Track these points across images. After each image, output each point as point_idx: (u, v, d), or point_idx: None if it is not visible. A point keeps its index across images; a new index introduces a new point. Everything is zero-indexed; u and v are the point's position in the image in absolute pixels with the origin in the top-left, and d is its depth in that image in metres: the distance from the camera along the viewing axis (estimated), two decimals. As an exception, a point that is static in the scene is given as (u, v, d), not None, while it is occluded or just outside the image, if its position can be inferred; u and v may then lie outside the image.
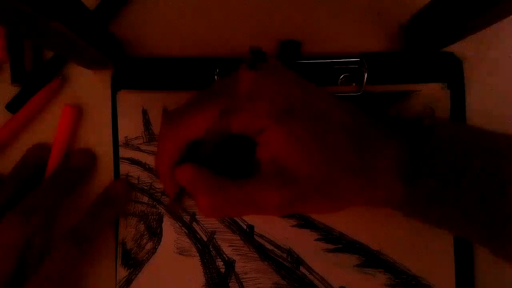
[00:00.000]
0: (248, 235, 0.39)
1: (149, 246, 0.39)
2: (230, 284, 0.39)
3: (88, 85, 0.40)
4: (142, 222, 0.40)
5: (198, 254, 0.39)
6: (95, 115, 0.40)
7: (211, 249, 0.39)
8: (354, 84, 0.39)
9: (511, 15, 0.30)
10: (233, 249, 0.39)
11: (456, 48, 0.39)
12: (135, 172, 0.40)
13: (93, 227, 0.37)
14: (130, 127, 0.40)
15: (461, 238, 0.38)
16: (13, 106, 0.40)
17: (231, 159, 0.33)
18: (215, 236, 0.39)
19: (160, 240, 0.40)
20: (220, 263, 0.39)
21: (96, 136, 0.40)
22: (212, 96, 0.31)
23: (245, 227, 0.39)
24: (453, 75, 0.39)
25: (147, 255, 0.39)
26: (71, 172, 0.39)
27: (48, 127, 0.40)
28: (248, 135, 0.30)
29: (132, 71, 0.40)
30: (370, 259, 0.39)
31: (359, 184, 0.30)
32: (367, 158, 0.30)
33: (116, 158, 0.40)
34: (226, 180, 0.30)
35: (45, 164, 0.39)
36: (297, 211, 0.32)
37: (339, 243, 0.39)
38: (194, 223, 0.40)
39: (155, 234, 0.40)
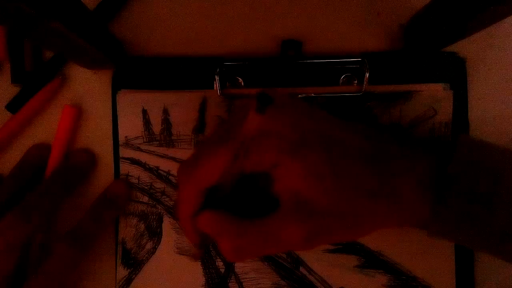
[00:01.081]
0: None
1: (149, 246, 0.40)
2: (229, 284, 0.39)
3: (88, 85, 0.40)
4: (142, 222, 0.40)
5: (198, 254, 0.39)
6: (95, 115, 0.40)
7: (211, 249, 0.39)
8: (355, 84, 0.39)
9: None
10: (233, 249, 0.39)
11: (457, 48, 0.39)
12: (135, 172, 0.40)
13: (93, 228, 0.37)
14: (130, 127, 0.40)
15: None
16: (13, 106, 0.40)
17: (250, 197, 0.33)
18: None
19: (160, 240, 0.40)
20: (220, 263, 0.39)
21: (96, 136, 0.40)
22: (222, 140, 0.31)
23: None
24: (455, 75, 0.39)
25: (147, 255, 0.39)
26: (71, 172, 0.39)
27: (48, 127, 0.40)
28: (263, 172, 0.30)
29: (132, 70, 0.40)
30: (370, 260, 0.39)
31: (383, 209, 0.30)
32: (389, 181, 0.30)
33: (116, 158, 0.40)
34: (247, 221, 0.30)
35: (45, 164, 0.39)
36: (323, 242, 0.31)
37: (339, 243, 0.39)
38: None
39: (155, 234, 0.40)
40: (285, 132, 0.29)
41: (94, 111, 0.40)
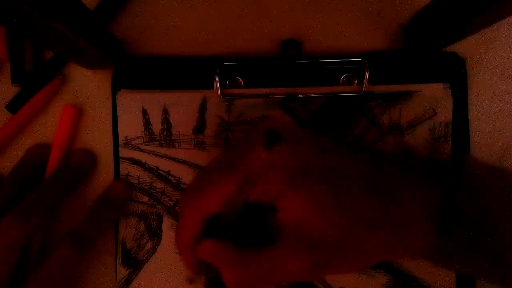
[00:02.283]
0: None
1: (149, 246, 0.40)
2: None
3: (88, 85, 0.40)
4: (142, 222, 0.40)
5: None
6: (95, 115, 0.40)
7: None
8: (355, 84, 0.39)
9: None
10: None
11: (457, 48, 0.39)
12: (135, 172, 0.40)
13: (93, 228, 0.37)
14: (130, 127, 0.40)
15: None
16: (13, 106, 0.40)
17: (252, 227, 0.33)
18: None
19: (160, 240, 0.40)
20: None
21: (96, 136, 0.40)
22: (226, 169, 0.30)
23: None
24: (455, 75, 0.39)
25: (147, 255, 0.39)
26: (71, 172, 0.39)
27: (48, 127, 0.40)
28: (266, 202, 0.30)
29: (132, 70, 0.40)
30: (370, 260, 0.39)
31: (388, 240, 0.29)
32: (394, 213, 0.29)
33: (116, 158, 0.40)
34: (249, 252, 0.30)
35: (45, 164, 0.39)
36: (328, 273, 0.31)
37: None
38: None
39: (155, 234, 0.40)
40: (290, 164, 0.29)
41: (94, 111, 0.40)
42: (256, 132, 0.31)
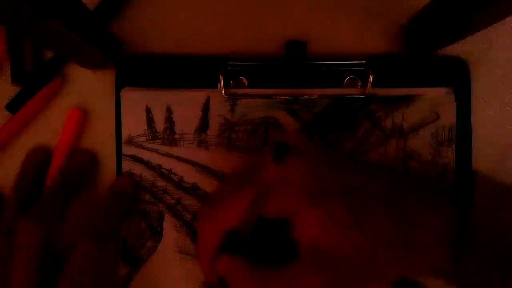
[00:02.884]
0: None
1: (149, 244, 0.40)
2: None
3: (88, 84, 0.40)
4: (143, 220, 0.40)
5: (198, 253, 0.40)
6: (96, 114, 0.40)
7: None
8: (359, 86, 0.39)
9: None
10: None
11: (459, 49, 0.39)
12: (137, 169, 0.40)
13: (107, 223, 0.37)
14: (133, 124, 0.40)
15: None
16: (13, 106, 0.39)
17: (269, 242, 0.33)
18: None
19: (161, 238, 0.40)
20: (220, 263, 0.40)
21: (98, 134, 0.40)
22: (241, 185, 0.31)
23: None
24: (459, 79, 0.39)
25: (147, 253, 0.40)
26: (76, 172, 0.39)
27: (49, 127, 0.40)
28: (283, 218, 0.30)
29: (136, 69, 0.40)
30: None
31: (403, 260, 0.29)
32: (411, 230, 0.29)
33: (119, 156, 0.40)
34: (266, 270, 0.30)
35: (46, 168, 0.39)
36: None
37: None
38: (195, 222, 0.40)
39: (156, 232, 0.40)
40: (304, 181, 0.29)
41: (95, 111, 0.40)
42: (268, 147, 0.31)
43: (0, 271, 0.35)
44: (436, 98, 0.39)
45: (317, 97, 0.39)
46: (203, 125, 0.40)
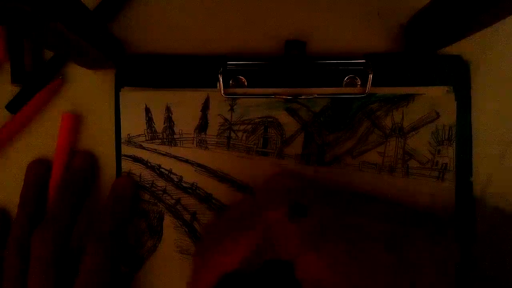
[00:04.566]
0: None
1: (149, 244, 0.40)
2: (230, 283, 0.39)
3: (89, 84, 0.40)
4: (143, 220, 0.40)
5: (198, 253, 0.40)
6: (96, 115, 0.40)
7: None
8: (358, 85, 0.39)
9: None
10: (233, 248, 0.40)
11: (460, 50, 0.39)
12: (137, 169, 0.40)
13: (112, 225, 0.37)
14: (132, 124, 0.40)
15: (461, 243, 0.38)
16: (13, 106, 0.39)
17: (272, 282, 0.32)
18: (215, 236, 0.40)
19: (161, 238, 0.40)
20: (220, 263, 0.39)
21: (98, 134, 0.40)
22: (245, 227, 0.31)
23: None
24: (459, 78, 0.39)
25: (147, 253, 0.40)
26: (77, 178, 0.39)
27: (49, 127, 0.40)
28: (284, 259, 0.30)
29: (136, 69, 0.40)
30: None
31: None
32: (409, 271, 0.29)
33: (118, 156, 0.40)
34: None
35: (48, 180, 0.39)
36: None
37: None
38: (194, 222, 0.40)
39: (156, 232, 0.40)
40: (306, 225, 0.29)
41: (95, 111, 0.40)
42: (278, 195, 0.32)
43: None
44: (436, 97, 0.39)
45: (316, 96, 0.39)
46: (203, 125, 0.40)
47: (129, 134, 0.40)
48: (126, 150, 0.40)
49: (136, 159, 0.40)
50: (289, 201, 0.30)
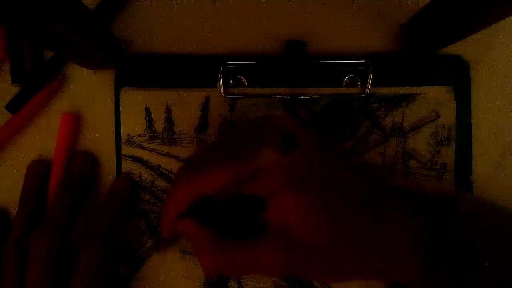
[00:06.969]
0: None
1: (149, 244, 0.40)
2: (229, 284, 0.39)
3: (89, 84, 0.40)
4: (143, 220, 0.40)
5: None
6: (96, 114, 0.40)
7: None
8: (358, 85, 0.39)
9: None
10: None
11: (460, 51, 0.39)
12: (137, 169, 0.40)
13: (108, 225, 0.37)
14: (132, 124, 0.40)
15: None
16: (13, 106, 0.39)
17: (237, 216, 0.33)
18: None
19: (161, 238, 0.40)
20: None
21: (98, 134, 0.40)
22: (232, 156, 0.31)
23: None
24: (459, 78, 0.39)
25: (147, 253, 0.40)
26: (77, 178, 0.39)
27: (49, 127, 0.40)
28: (258, 196, 0.30)
29: (136, 68, 0.40)
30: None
31: (369, 260, 0.30)
32: (383, 236, 0.29)
33: (118, 156, 0.40)
34: (230, 241, 0.30)
35: (47, 180, 0.39)
36: (298, 275, 0.32)
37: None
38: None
39: (156, 232, 0.40)
40: (294, 165, 0.29)
41: (95, 111, 0.40)
42: (271, 129, 0.32)
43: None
44: (436, 97, 0.39)
45: (316, 96, 0.39)
46: (203, 125, 0.40)
47: (129, 134, 0.40)
48: (126, 150, 0.40)
49: (136, 159, 0.40)
50: (281, 132, 0.30)
